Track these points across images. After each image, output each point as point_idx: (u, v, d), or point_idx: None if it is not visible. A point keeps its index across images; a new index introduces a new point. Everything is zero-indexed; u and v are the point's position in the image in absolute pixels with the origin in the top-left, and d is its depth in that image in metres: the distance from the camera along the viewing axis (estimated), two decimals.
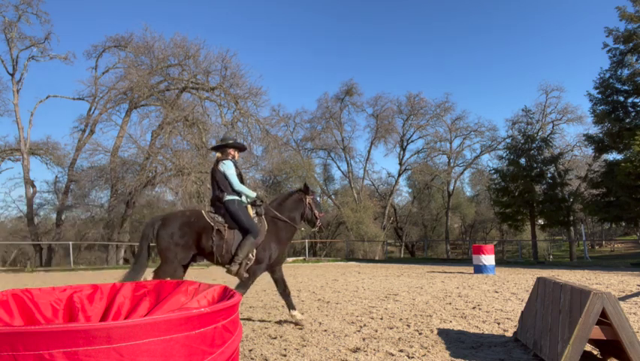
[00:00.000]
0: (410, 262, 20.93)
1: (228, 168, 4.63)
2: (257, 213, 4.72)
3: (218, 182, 4.62)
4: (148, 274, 4.64)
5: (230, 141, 4.83)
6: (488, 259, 11.73)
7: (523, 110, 28.00)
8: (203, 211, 4.63)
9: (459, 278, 10.39)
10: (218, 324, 1.44)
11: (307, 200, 4.98)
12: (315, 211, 5.02)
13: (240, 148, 5.01)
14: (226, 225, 4.49)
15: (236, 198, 4.61)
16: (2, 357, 1.14)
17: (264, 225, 4.67)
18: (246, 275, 4.53)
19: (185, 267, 4.56)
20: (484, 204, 41.49)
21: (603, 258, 31.44)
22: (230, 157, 4.77)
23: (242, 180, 4.75)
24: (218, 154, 4.86)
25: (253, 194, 4.75)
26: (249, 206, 4.72)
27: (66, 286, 2.04)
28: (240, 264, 4.44)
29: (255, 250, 4.53)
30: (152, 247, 4.61)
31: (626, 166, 17.58)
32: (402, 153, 37.04)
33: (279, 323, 4.90)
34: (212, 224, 4.46)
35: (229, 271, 4.46)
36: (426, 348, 3.65)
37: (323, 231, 5.30)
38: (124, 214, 22.83)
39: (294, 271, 14.24)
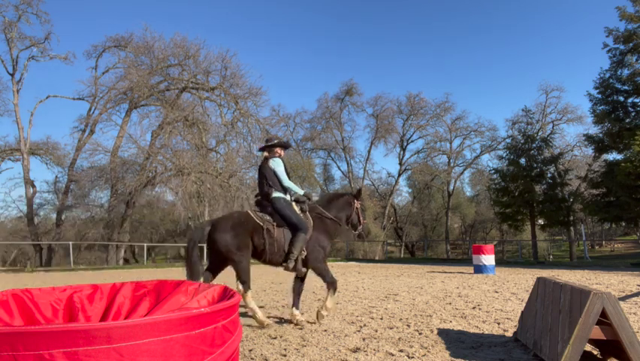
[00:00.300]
0: (410, 262, 20.93)
1: (278, 165, 4.74)
2: (301, 209, 4.78)
3: (268, 178, 4.69)
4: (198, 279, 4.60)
5: (276, 141, 4.95)
6: (488, 259, 11.73)
7: (523, 110, 28.04)
8: (250, 211, 4.70)
9: (459, 278, 10.39)
10: (218, 324, 1.44)
11: (356, 204, 5.11)
12: (361, 217, 5.17)
13: (286, 146, 5.15)
14: (274, 223, 4.56)
15: (282, 195, 4.69)
16: (2, 357, 1.14)
17: (309, 221, 4.73)
18: (304, 270, 4.66)
19: (220, 269, 4.71)
20: (484, 204, 41.49)
21: (603, 258, 31.44)
22: (277, 155, 4.87)
23: (289, 178, 4.85)
24: (266, 153, 4.93)
25: (301, 191, 4.86)
26: (294, 203, 4.79)
27: (66, 286, 2.04)
28: (296, 260, 4.52)
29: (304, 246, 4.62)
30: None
31: (626, 166, 17.58)
32: (402, 153, 37.06)
33: (279, 323, 4.89)
34: (261, 223, 4.54)
35: (286, 269, 4.56)
36: (426, 348, 3.65)
37: (363, 237, 5.50)
38: (124, 214, 22.83)
39: None
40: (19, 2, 22.47)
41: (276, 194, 4.65)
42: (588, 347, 3.42)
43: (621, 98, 20.47)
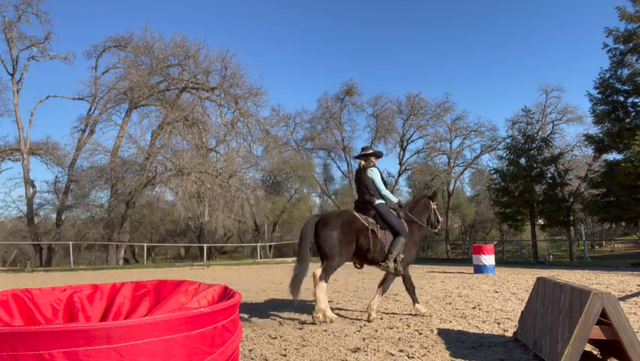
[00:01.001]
0: None
1: (376, 174, 5.23)
2: (398, 215, 5.25)
3: (368, 187, 5.17)
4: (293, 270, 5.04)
5: (370, 150, 5.41)
6: (488, 259, 11.72)
7: (523, 110, 28.02)
8: (354, 213, 5.09)
9: (459, 278, 10.38)
10: (218, 324, 1.44)
11: (432, 205, 5.60)
12: (438, 216, 5.67)
13: (379, 156, 5.63)
14: (378, 225, 4.98)
15: (383, 202, 5.16)
16: (2, 357, 1.14)
17: (405, 226, 5.20)
18: (401, 270, 5.06)
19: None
20: (484, 204, 41.46)
21: (603, 258, 31.43)
22: (372, 164, 5.34)
23: (385, 185, 5.32)
24: (362, 162, 5.37)
25: (395, 199, 5.35)
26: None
27: (66, 286, 2.04)
28: (395, 261, 4.97)
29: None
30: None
31: (626, 166, 17.57)
32: (402, 153, 37.04)
33: (279, 323, 4.90)
34: (366, 225, 4.94)
35: (386, 268, 4.97)
36: (426, 348, 3.65)
37: (440, 235, 6.02)
38: (124, 214, 22.82)
39: None
40: (19, 2, 22.46)
41: (378, 201, 5.12)
42: (588, 347, 3.42)
43: (621, 98, 20.46)
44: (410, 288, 5.30)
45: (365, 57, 67.78)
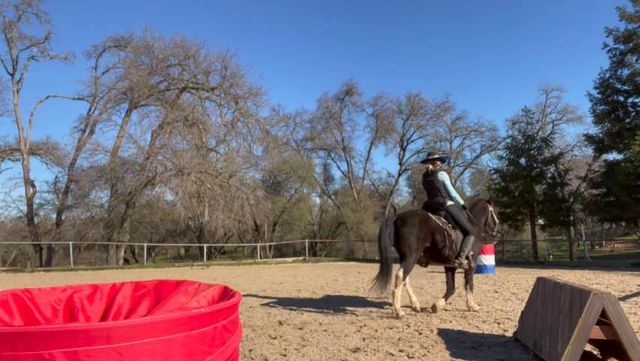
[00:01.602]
0: None
1: (446, 178, 5.63)
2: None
3: (439, 189, 5.57)
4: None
5: (437, 155, 5.82)
6: (488, 259, 11.72)
7: (523, 110, 27.99)
8: (428, 213, 5.44)
9: (459, 278, 10.37)
10: (218, 324, 1.44)
11: (490, 208, 5.96)
12: (495, 219, 6.04)
13: (445, 160, 6.07)
14: (450, 225, 5.37)
15: (453, 203, 5.54)
16: (2, 357, 1.14)
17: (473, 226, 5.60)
18: (474, 265, 5.50)
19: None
20: None
21: (603, 258, 31.42)
22: (438, 168, 5.74)
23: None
24: (431, 166, 5.75)
25: (462, 201, 5.70)
26: None
27: (66, 286, 2.04)
28: (467, 258, 5.36)
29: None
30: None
31: (626, 166, 17.56)
32: (402, 152, 37.06)
33: (279, 323, 4.90)
34: (441, 225, 5.30)
35: (460, 265, 5.36)
36: (426, 348, 3.65)
37: (496, 236, 6.29)
38: (124, 214, 22.82)
39: (294, 271, 14.23)
40: (19, 2, 22.46)
41: (449, 202, 5.53)
42: (588, 347, 3.42)
43: (621, 98, 20.45)
44: (467, 285, 5.64)
45: (365, 57, 67.83)
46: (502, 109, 72.92)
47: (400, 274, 5.08)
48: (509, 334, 4.14)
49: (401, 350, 3.58)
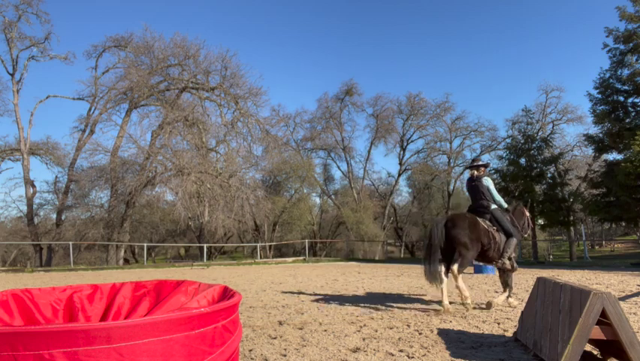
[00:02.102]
0: (410, 262, 20.93)
1: (490, 183, 6.01)
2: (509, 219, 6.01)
3: (484, 194, 5.95)
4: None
5: (481, 162, 6.24)
6: None
7: (523, 110, 27.99)
8: (475, 216, 5.77)
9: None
10: (218, 324, 1.44)
11: (527, 213, 6.36)
12: (530, 222, 6.41)
13: (488, 165, 6.45)
14: (494, 227, 5.74)
15: (497, 207, 5.92)
16: (2, 357, 1.14)
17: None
18: (516, 266, 5.84)
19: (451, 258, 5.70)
20: None
21: (603, 258, 31.43)
22: (482, 173, 6.15)
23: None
24: (475, 172, 6.16)
25: (505, 205, 6.06)
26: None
27: (66, 286, 2.04)
28: (509, 258, 5.73)
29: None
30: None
31: (626, 166, 17.56)
32: (402, 153, 37.04)
33: (279, 323, 4.90)
34: (487, 227, 5.67)
35: (503, 265, 5.72)
36: (426, 348, 3.65)
37: (526, 238, 6.69)
38: (124, 214, 22.82)
39: (294, 271, 14.23)
40: (19, 2, 22.46)
41: (493, 206, 5.89)
42: (588, 347, 3.42)
43: (621, 98, 20.44)
44: (507, 284, 5.94)
45: (365, 57, 67.81)
46: (502, 109, 72.99)
47: (455, 267, 5.45)
48: (509, 334, 4.14)
49: (401, 350, 3.58)
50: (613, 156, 21.63)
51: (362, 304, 6.18)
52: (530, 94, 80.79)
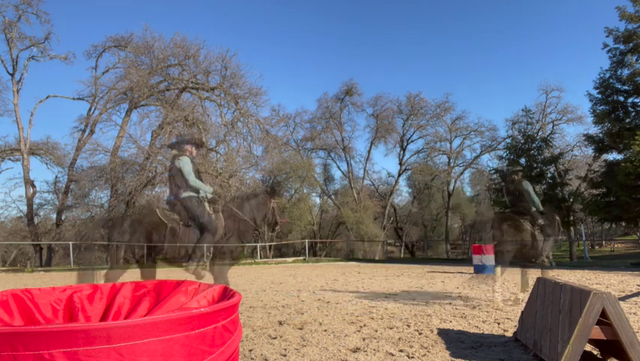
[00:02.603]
0: (410, 262, 20.93)
1: (528, 186, 6.63)
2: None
3: (525, 197, 6.53)
4: None
5: (519, 168, 7.21)
6: (488, 259, 11.71)
7: (523, 110, 27.97)
8: (519, 218, 6.42)
9: (459, 278, 10.39)
10: (218, 324, 1.44)
11: (557, 217, 6.84)
12: (560, 226, 7.01)
13: (519, 172, 7.19)
14: (535, 228, 6.32)
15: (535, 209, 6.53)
16: (2, 357, 1.14)
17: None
18: (554, 264, 6.08)
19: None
20: (484, 204, 41.45)
21: (603, 258, 31.40)
22: (516, 179, 6.91)
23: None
24: (515, 176, 6.95)
25: (541, 208, 6.59)
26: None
27: (66, 286, 2.04)
28: (547, 257, 6.40)
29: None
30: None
31: (626, 166, 17.56)
32: (402, 153, 37.02)
33: (279, 323, 4.90)
34: (527, 228, 6.26)
35: (538, 262, 6.31)
36: (426, 348, 3.65)
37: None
38: (124, 214, 22.80)
39: (294, 271, 14.23)
40: (19, 2, 22.44)
41: (534, 208, 6.43)
42: (588, 347, 3.42)
43: (621, 98, 20.44)
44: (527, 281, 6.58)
45: (365, 57, 67.74)
46: (502, 109, 72.95)
47: (499, 269, 6.36)
48: (509, 334, 4.14)
49: (401, 350, 3.58)
50: (613, 156, 21.64)
51: (362, 305, 6.18)
52: (530, 94, 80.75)
